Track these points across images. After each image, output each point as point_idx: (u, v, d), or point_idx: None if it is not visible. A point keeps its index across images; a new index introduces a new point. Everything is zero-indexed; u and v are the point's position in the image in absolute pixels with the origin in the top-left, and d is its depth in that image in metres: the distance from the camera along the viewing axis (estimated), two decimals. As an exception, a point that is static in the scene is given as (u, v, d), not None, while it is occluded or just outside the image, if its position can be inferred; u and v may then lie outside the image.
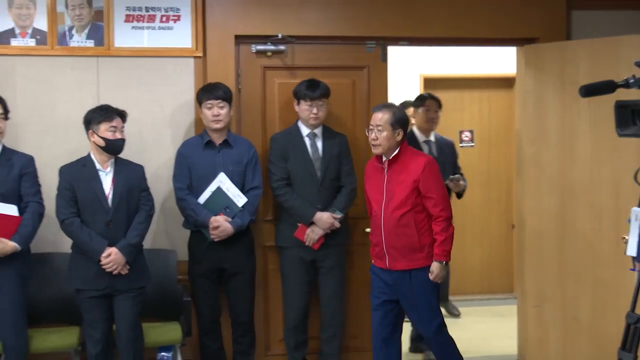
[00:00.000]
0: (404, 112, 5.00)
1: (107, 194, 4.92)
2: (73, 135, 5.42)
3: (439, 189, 4.91)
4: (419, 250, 4.89)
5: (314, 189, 5.42)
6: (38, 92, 5.49)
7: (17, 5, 5.44)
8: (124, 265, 4.90)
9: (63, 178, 4.97)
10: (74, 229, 4.90)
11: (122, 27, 5.57)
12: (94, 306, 4.94)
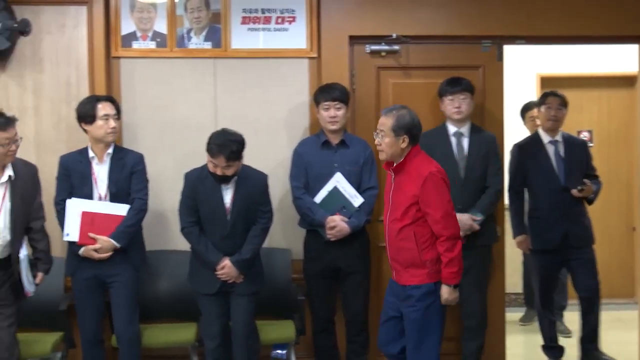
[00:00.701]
0: (412, 117, 4.50)
1: (227, 207, 4.97)
2: (190, 136, 5.56)
3: (440, 205, 4.41)
4: (420, 266, 4.47)
5: (456, 189, 5.25)
6: (157, 93, 5.63)
7: (139, 9, 5.59)
8: (238, 276, 4.98)
9: (187, 186, 5.04)
10: (192, 238, 5.01)
11: (239, 29, 5.66)
12: (211, 303, 5.03)
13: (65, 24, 5.48)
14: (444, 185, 4.47)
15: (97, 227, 4.98)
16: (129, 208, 5.05)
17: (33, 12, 5.42)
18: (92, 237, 4.97)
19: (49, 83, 5.48)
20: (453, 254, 4.41)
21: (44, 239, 4.85)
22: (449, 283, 4.43)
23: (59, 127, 5.51)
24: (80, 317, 5.13)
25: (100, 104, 5.02)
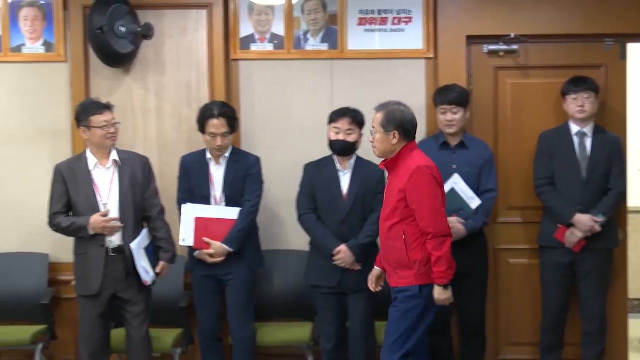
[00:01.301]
0: (404, 113, 4.40)
1: (344, 194, 5.03)
2: (307, 138, 5.61)
3: (426, 200, 4.26)
4: (408, 266, 4.33)
5: (577, 189, 5.23)
6: (275, 94, 5.70)
7: (257, 12, 5.67)
8: (354, 263, 4.98)
9: (306, 175, 5.16)
10: (310, 225, 5.07)
11: (355, 30, 5.68)
12: (328, 303, 5.07)
13: (187, 27, 5.60)
14: (433, 181, 4.30)
15: (210, 232, 5.07)
16: (239, 211, 5.13)
17: (156, 17, 5.56)
18: (206, 242, 5.07)
19: (170, 85, 5.62)
20: (440, 252, 4.26)
21: (163, 226, 4.99)
22: (438, 283, 4.30)
23: (180, 129, 5.63)
24: (199, 314, 5.25)
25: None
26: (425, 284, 4.34)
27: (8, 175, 5.79)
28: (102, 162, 4.90)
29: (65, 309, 5.74)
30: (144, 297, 4.94)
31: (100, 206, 4.84)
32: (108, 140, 4.85)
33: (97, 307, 4.90)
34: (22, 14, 5.70)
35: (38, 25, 5.70)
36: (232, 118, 5.17)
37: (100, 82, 5.60)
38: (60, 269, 5.75)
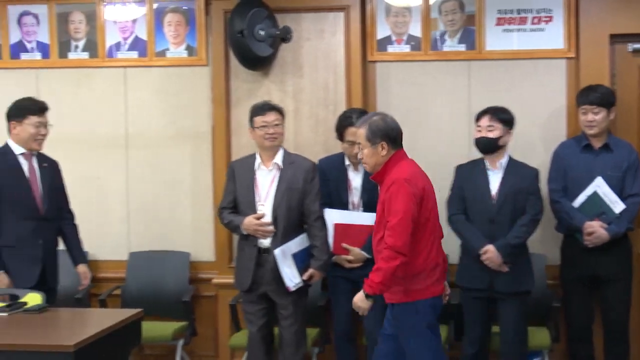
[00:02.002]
0: (387, 121, 4.23)
1: (493, 194, 4.98)
2: (444, 138, 5.60)
3: (396, 212, 4.06)
4: (395, 282, 4.14)
5: None
6: (412, 96, 5.68)
7: (394, 13, 5.68)
8: (502, 264, 4.92)
9: (457, 176, 5.14)
10: (458, 225, 5.05)
11: (493, 30, 5.60)
12: (477, 307, 5.03)
13: (324, 30, 5.65)
14: (408, 195, 4.07)
15: (349, 238, 5.09)
16: None
17: (294, 20, 5.63)
18: (345, 248, 5.10)
19: (308, 87, 5.68)
20: (386, 265, 4.03)
21: (317, 234, 4.99)
22: (365, 290, 4.10)
23: (317, 130, 5.69)
24: (334, 314, 5.29)
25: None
26: (417, 300, 4.17)
27: (150, 176, 6.00)
28: (265, 163, 4.99)
29: (205, 306, 5.90)
30: (293, 300, 4.96)
31: (257, 207, 4.94)
32: (266, 141, 4.93)
33: (251, 303, 5.00)
34: (167, 19, 5.90)
35: (181, 30, 5.88)
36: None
37: (240, 84, 5.72)
38: (200, 267, 5.91)
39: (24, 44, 6.03)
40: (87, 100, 6.03)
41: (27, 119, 4.91)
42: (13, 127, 4.93)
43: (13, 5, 6.02)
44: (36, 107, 4.95)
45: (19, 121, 4.91)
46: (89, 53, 5.98)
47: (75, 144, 6.02)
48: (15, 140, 4.94)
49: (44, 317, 4.28)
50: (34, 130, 4.92)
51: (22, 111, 4.92)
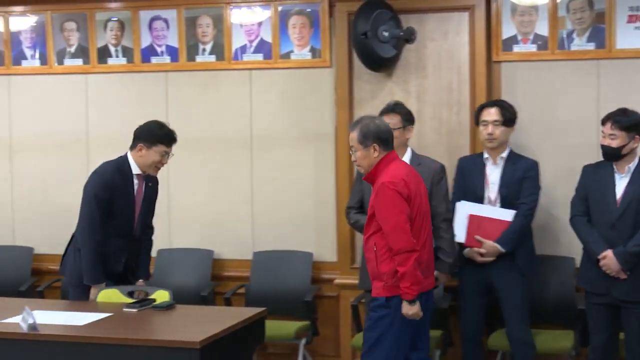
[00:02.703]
0: (377, 123, 4.37)
1: (617, 198, 4.83)
2: (572, 139, 5.47)
3: (388, 217, 4.25)
4: (378, 277, 4.37)
5: None
6: (538, 96, 5.56)
7: (520, 12, 5.57)
8: (620, 271, 4.76)
9: (582, 177, 5.01)
10: (579, 226, 4.93)
11: (624, 28, 5.43)
12: (598, 312, 4.89)
13: (448, 30, 5.60)
14: (395, 196, 4.25)
15: (483, 231, 5.03)
16: (514, 214, 5.05)
17: (418, 20, 5.60)
18: (479, 240, 5.03)
19: (431, 88, 5.64)
20: (405, 268, 4.22)
21: (442, 235, 4.93)
22: (404, 298, 4.27)
23: (440, 131, 5.64)
24: (462, 316, 5.24)
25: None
26: (392, 295, 4.32)
27: (274, 176, 6.07)
28: None
29: (327, 307, 5.93)
30: None
31: None
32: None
33: None
34: (291, 22, 5.96)
35: (305, 33, 5.94)
36: (505, 108, 5.15)
37: (363, 86, 5.73)
38: (323, 267, 5.95)
39: (154, 48, 6.21)
40: (213, 103, 6.16)
41: (156, 147, 4.89)
42: (140, 148, 4.90)
43: (144, 11, 6.21)
44: (167, 139, 4.94)
45: (148, 146, 4.89)
46: (215, 56, 6.11)
47: (202, 145, 6.16)
48: (137, 161, 4.93)
49: (171, 314, 4.40)
50: (158, 159, 4.92)
51: (154, 138, 4.90)
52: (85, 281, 4.82)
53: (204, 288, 5.89)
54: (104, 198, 4.82)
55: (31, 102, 6.49)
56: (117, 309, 4.45)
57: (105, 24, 6.28)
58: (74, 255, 4.91)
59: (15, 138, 6.53)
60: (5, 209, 6.48)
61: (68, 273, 4.98)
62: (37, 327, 3.94)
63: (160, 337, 3.88)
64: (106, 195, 4.83)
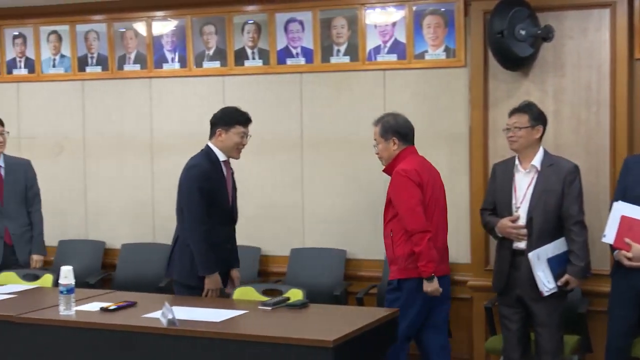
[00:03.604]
0: (397, 119, 4.90)
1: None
2: None
3: (402, 201, 4.75)
4: (393, 261, 4.84)
5: None
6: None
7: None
8: None
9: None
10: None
11: None
12: None
13: (587, 27, 5.44)
14: (408, 182, 4.73)
15: (634, 234, 4.80)
16: None
17: (556, 18, 5.47)
18: (627, 243, 4.82)
19: (569, 87, 5.49)
20: (420, 248, 4.67)
21: (574, 238, 4.81)
22: (422, 276, 4.71)
23: (578, 132, 5.48)
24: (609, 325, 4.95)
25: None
26: (405, 277, 4.77)
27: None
28: (523, 165, 4.93)
29: (460, 308, 5.88)
30: (548, 305, 4.83)
31: (513, 209, 4.88)
32: (514, 144, 4.91)
33: (507, 306, 4.96)
34: (425, 21, 5.94)
35: (440, 32, 5.90)
36: None
37: (498, 85, 5.64)
38: (457, 269, 5.88)
39: (290, 50, 6.30)
40: (347, 103, 6.20)
41: (234, 128, 5.03)
42: (219, 134, 5.04)
43: (280, 13, 6.31)
44: (243, 118, 5.08)
45: (227, 129, 5.03)
46: (349, 57, 6.15)
47: (335, 145, 6.21)
48: (219, 146, 5.06)
49: (305, 313, 4.44)
50: (238, 140, 5.05)
51: (231, 120, 5.05)
52: (200, 272, 4.94)
53: (336, 287, 5.93)
54: (206, 189, 4.95)
55: (171, 104, 6.70)
56: (252, 306, 4.53)
57: (243, 27, 6.42)
58: (181, 254, 5.03)
59: (156, 138, 6.76)
60: (146, 208, 6.71)
61: (177, 273, 5.09)
62: (175, 322, 4.06)
63: (294, 335, 3.92)
64: (207, 186, 4.97)
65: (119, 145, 6.86)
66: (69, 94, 6.98)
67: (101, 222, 6.95)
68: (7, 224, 5.55)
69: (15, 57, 7.10)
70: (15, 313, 4.37)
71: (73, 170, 7.01)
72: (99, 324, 4.20)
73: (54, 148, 7.05)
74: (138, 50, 6.73)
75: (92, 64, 6.87)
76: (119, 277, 6.64)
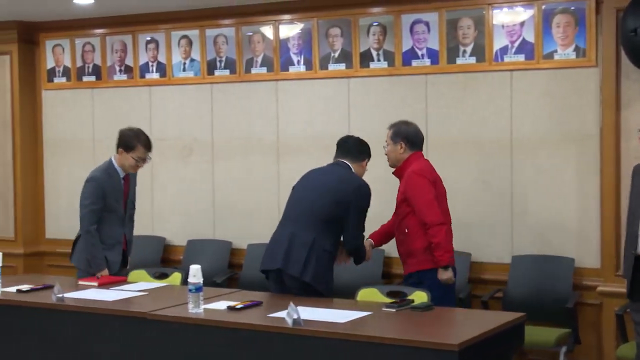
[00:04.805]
0: (409, 126, 5.27)
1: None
2: None
3: (418, 196, 5.07)
4: (411, 255, 5.15)
5: None
6: None
7: None
8: None
9: None
10: None
11: None
12: None
13: None
14: (424, 180, 5.09)
15: None
16: None
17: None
18: None
19: None
20: (437, 239, 4.99)
21: None
22: (439, 265, 5.02)
23: None
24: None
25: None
26: (424, 269, 5.08)
27: (536, 180, 5.95)
28: None
29: (589, 314, 5.75)
30: None
31: None
32: None
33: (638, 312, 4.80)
34: (555, 20, 5.81)
35: (570, 31, 5.76)
36: None
37: (631, 85, 5.47)
38: (584, 273, 5.78)
39: (415, 51, 6.28)
40: (473, 105, 6.13)
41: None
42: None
43: (406, 15, 6.29)
44: None
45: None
46: (475, 58, 6.07)
47: (461, 147, 6.16)
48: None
49: (429, 315, 4.41)
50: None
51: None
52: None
53: (461, 290, 5.87)
54: None
55: (296, 106, 6.78)
56: (376, 308, 4.53)
57: (368, 29, 6.44)
58: (317, 257, 5.08)
59: (282, 140, 6.84)
60: (272, 209, 6.80)
61: (310, 276, 5.08)
62: (300, 322, 4.10)
63: (419, 338, 3.90)
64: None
65: (246, 147, 6.99)
66: (198, 97, 7.15)
67: (228, 222, 7.09)
68: (125, 231, 5.74)
69: (148, 62, 7.32)
70: (148, 310, 4.51)
71: (201, 172, 7.18)
72: (227, 322, 4.28)
73: (183, 150, 7.23)
74: (265, 53, 6.83)
75: (221, 68, 7.02)
76: (245, 276, 6.75)
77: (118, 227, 5.67)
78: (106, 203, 5.56)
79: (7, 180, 7.81)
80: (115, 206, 5.62)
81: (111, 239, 5.63)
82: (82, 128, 7.65)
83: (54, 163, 7.83)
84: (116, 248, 5.66)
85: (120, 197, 5.64)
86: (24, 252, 7.74)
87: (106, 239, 5.60)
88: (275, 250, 5.11)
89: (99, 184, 5.55)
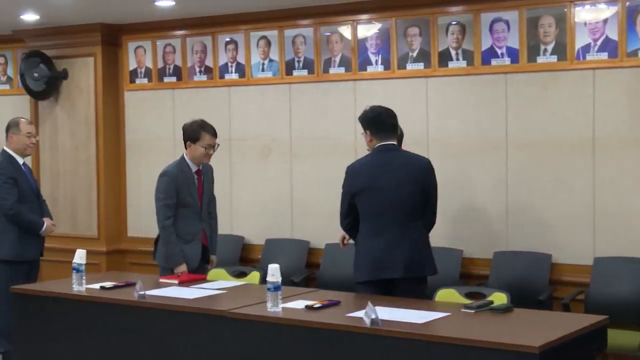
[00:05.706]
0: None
1: None
2: None
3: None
4: None
5: None
6: None
7: None
8: None
9: None
10: None
11: None
12: None
13: None
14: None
15: None
16: None
17: None
18: None
19: None
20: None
21: None
22: None
23: None
24: None
25: None
26: None
27: (619, 181, 5.85)
28: None
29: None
30: None
31: None
32: None
33: None
34: (639, 18, 5.70)
35: (655, 28, 5.64)
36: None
37: None
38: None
39: (495, 50, 6.21)
40: (554, 104, 6.03)
41: None
42: None
43: (485, 13, 6.23)
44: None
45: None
46: (557, 56, 5.98)
47: (541, 147, 6.07)
48: None
49: (509, 317, 4.36)
50: None
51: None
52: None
53: (541, 292, 5.79)
54: None
55: (375, 105, 6.76)
56: (455, 308, 4.50)
57: (447, 28, 6.39)
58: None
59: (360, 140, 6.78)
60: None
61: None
62: (379, 322, 4.09)
63: (498, 340, 3.86)
64: None
65: (324, 147, 7.01)
66: (276, 97, 7.20)
67: (306, 221, 7.12)
68: (204, 226, 5.82)
69: (227, 62, 7.41)
70: (227, 308, 4.56)
71: (280, 171, 7.22)
72: (305, 321, 4.30)
73: (262, 150, 7.29)
74: (343, 53, 6.85)
75: (299, 68, 7.06)
76: (323, 276, 6.78)
77: (195, 222, 5.76)
78: (180, 198, 5.66)
79: (90, 179, 7.99)
80: (190, 201, 5.71)
81: (188, 234, 5.73)
82: (162, 128, 7.78)
83: (136, 162, 7.98)
84: (194, 243, 5.76)
85: (194, 191, 5.73)
86: (106, 250, 7.92)
87: (184, 235, 5.70)
88: (388, 257, 5.10)
89: (171, 178, 5.67)
